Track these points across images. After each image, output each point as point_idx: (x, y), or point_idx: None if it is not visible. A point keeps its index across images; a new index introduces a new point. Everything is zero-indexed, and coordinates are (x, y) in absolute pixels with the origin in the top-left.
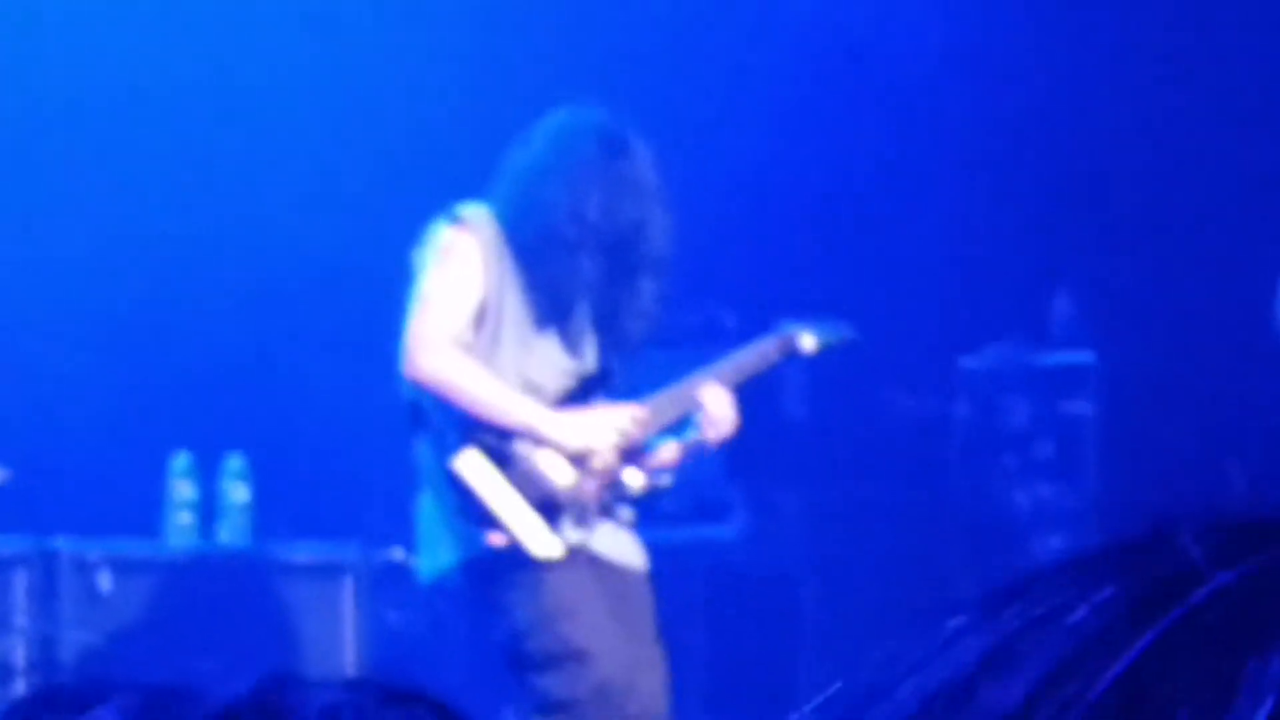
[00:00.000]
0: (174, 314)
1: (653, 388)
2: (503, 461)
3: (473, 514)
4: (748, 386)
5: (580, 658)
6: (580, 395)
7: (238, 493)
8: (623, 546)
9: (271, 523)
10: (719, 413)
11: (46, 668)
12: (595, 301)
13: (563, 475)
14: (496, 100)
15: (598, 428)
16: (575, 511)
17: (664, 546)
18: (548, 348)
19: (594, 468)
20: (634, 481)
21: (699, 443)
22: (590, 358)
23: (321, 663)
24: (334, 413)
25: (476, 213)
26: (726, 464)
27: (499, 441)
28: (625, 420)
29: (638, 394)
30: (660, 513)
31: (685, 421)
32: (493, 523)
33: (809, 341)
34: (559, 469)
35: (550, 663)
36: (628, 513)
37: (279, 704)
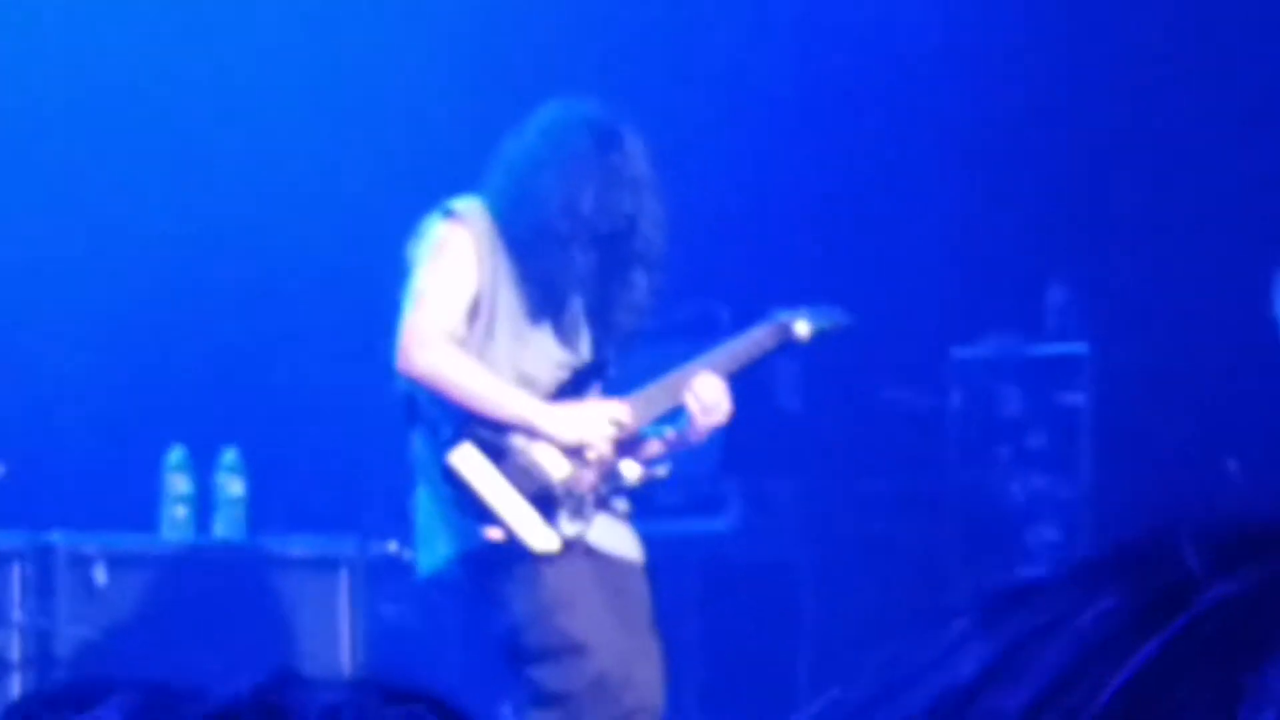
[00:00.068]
0: (169, 309)
1: (647, 381)
2: (498, 455)
3: (469, 508)
4: (742, 379)
5: (577, 650)
6: (574, 387)
7: (233, 487)
8: (619, 539)
9: (267, 517)
10: (713, 401)
11: (42, 662)
12: (589, 294)
13: (558, 468)
14: (495, 98)
15: (593, 420)
16: (571, 504)
17: (659, 539)
18: (542, 340)
19: (590, 460)
20: (630, 473)
21: (694, 431)
22: (584, 350)
23: (317, 657)
24: (329, 406)
25: (470, 206)
26: (721, 456)
27: (494, 435)
28: (620, 412)
29: (632, 387)
30: (656, 505)
31: (680, 411)
32: (489, 518)
33: (803, 328)
34: (555, 462)
35: (547, 655)
36: (623, 504)
37: (280, 703)
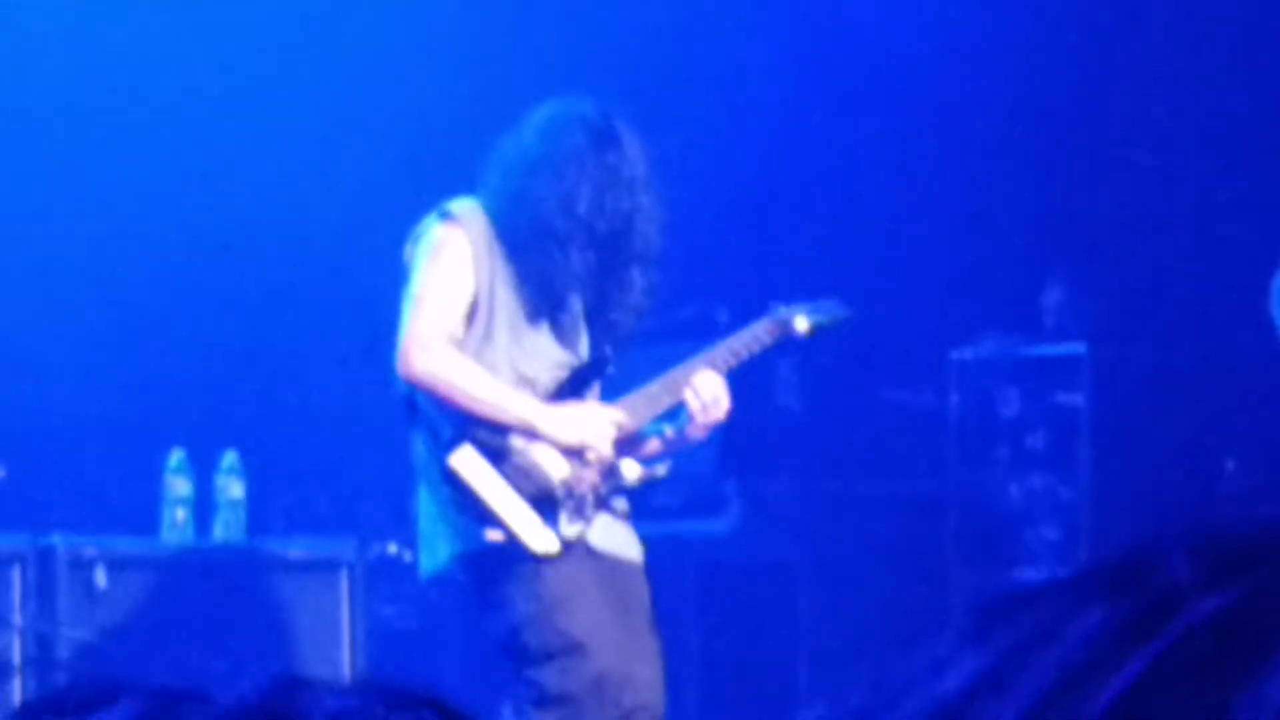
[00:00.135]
0: (169, 312)
1: (645, 383)
2: (498, 457)
3: (469, 510)
4: (741, 381)
5: (577, 651)
6: (573, 387)
7: (233, 489)
8: (618, 538)
9: (266, 519)
10: (712, 397)
11: (43, 665)
12: (587, 293)
13: (559, 469)
14: (494, 98)
15: (593, 421)
16: (572, 505)
17: (659, 540)
18: (540, 340)
19: (590, 460)
20: (630, 472)
21: (694, 428)
22: (583, 349)
23: (317, 659)
24: (328, 408)
25: (466, 207)
26: (720, 457)
27: (494, 437)
28: (619, 413)
29: (631, 388)
30: (655, 507)
31: (680, 408)
32: (489, 519)
33: (803, 323)
34: (555, 463)
35: (547, 656)
36: (622, 503)
37: (287, 708)
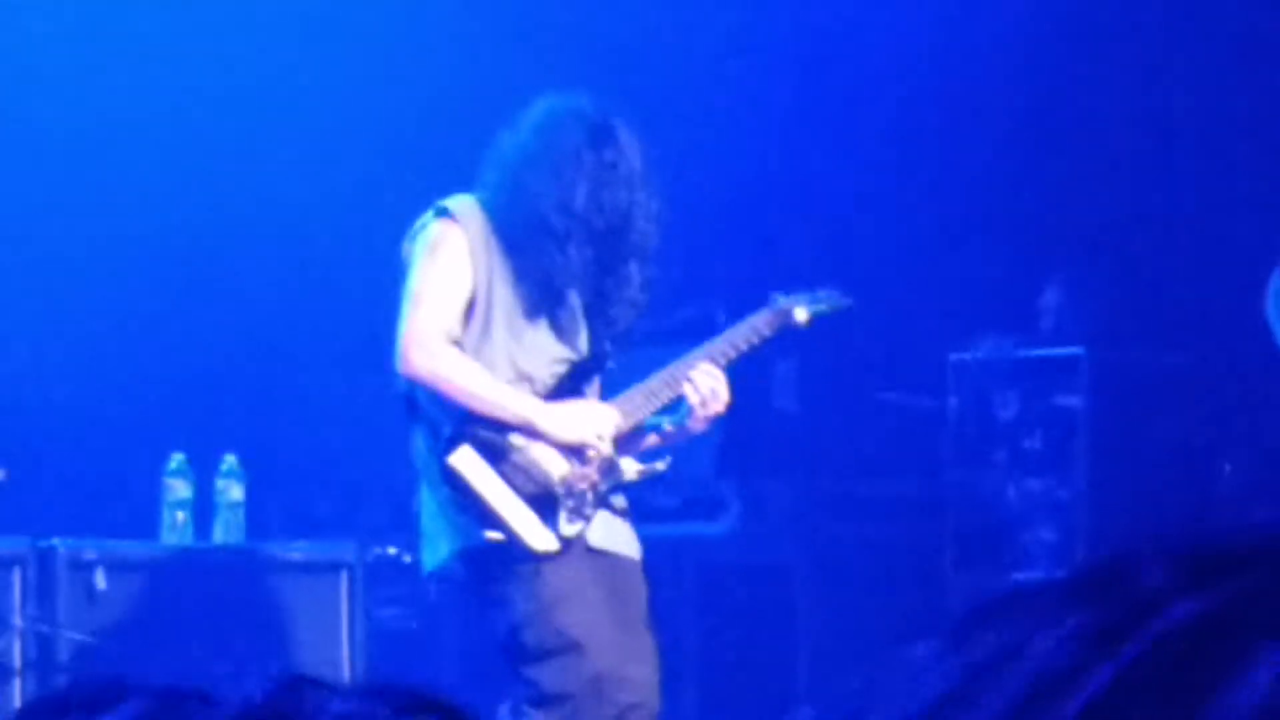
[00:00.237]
0: (169, 314)
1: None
2: (497, 456)
3: (468, 508)
4: (740, 382)
5: (575, 650)
6: (573, 383)
7: (232, 491)
8: (618, 535)
9: (266, 521)
10: (712, 390)
11: (43, 667)
12: (585, 289)
13: (558, 467)
14: (492, 97)
15: (592, 418)
16: (571, 503)
17: (657, 542)
18: (539, 337)
19: (589, 458)
20: (630, 470)
21: (694, 421)
22: (582, 345)
23: (317, 660)
24: (327, 411)
25: (464, 204)
26: (719, 459)
27: (493, 435)
28: (618, 410)
29: (628, 386)
30: (653, 508)
31: (680, 402)
32: (488, 519)
33: (802, 313)
34: (554, 461)
35: (545, 655)
36: (622, 500)
37: (293, 711)
